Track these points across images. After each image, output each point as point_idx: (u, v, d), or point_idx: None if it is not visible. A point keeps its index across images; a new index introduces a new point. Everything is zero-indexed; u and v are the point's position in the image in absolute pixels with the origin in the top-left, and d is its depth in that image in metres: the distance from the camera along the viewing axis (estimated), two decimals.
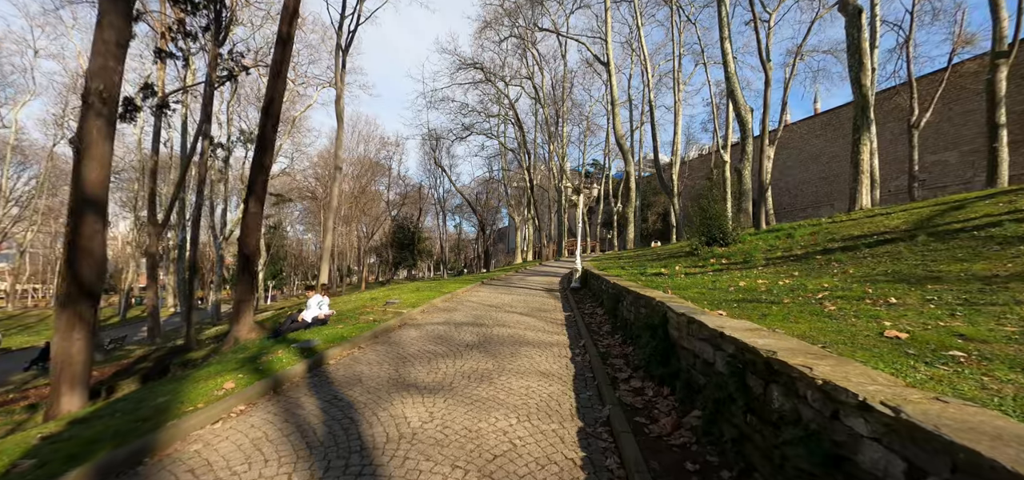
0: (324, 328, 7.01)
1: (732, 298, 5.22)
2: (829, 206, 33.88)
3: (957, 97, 26.58)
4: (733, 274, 8.09)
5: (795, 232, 11.10)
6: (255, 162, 9.74)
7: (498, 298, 10.60)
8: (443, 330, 6.39)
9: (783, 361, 2.10)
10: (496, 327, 6.65)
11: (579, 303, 10.18)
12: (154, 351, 17.84)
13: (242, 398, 3.55)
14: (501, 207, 53.88)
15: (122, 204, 44.34)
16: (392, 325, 6.56)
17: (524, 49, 34.56)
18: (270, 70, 10.07)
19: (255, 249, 9.63)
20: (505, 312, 8.23)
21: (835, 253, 7.99)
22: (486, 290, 12.51)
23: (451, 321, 7.17)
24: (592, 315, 8.12)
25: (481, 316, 7.64)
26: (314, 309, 8.27)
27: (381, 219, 53.96)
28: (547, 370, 4.48)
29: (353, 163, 48.46)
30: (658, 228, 41.18)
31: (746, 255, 10.03)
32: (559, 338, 6.05)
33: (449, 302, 9.58)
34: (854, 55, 14.00)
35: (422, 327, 6.62)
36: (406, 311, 7.73)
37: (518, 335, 6.11)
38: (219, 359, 6.02)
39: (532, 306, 9.22)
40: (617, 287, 7.19)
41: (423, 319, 7.34)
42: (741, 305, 4.57)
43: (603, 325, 7.02)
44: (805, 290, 5.45)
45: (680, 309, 3.76)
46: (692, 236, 13.26)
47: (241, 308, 9.24)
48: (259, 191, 9.71)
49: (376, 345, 5.43)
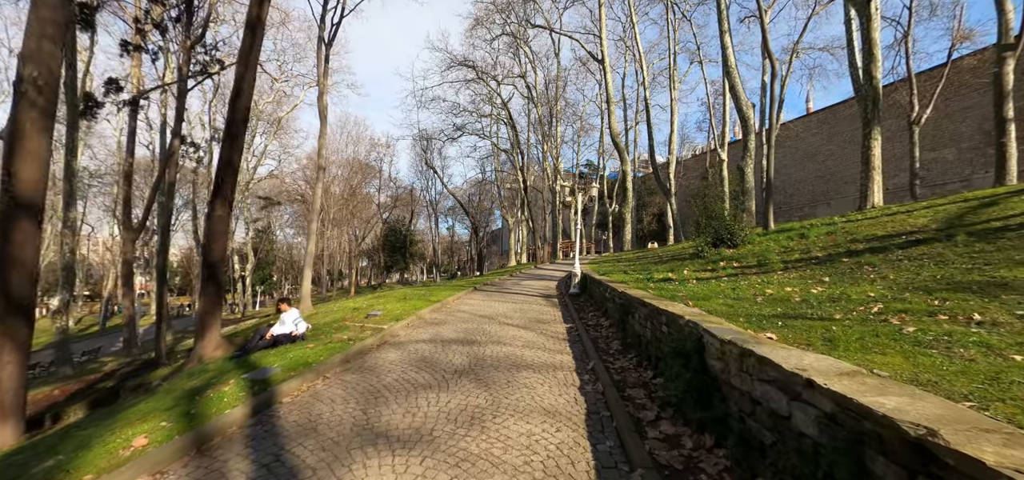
0: (291, 349, 6.11)
1: (767, 311, 4.43)
2: (826, 205, 33.46)
3: (955, 93, 26.20)
4: (751, 279, 7.32)
5: (808, 232, 10.37)
6: (222, 160, 8.80)
7: (492, 307, 9.75)
8: (428, 350, 5.52)
9: (964, 455, 1.27)
10: (490, 344, 5.79)
11: (580, 311, 9.35)
12: (124, 366, 16.76)
13: (150, 463, 2.67)
14: (494, 209, 53.00)
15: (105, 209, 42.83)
16: (369, 345, 5.67)
17: (517, 47, 33.77)
18: (238, 58, 9.15)
19: (222, 256, 8.70)
20: (500, 324, 7.38)
21: (863, 255, 7.25)
22: (479, 297, 11.64)
23: (438, 337, 6.30)
24: (597, 327, 7.29)
25: (473, 331, 6.78)
26: (289, 325, 7.35)
27: (372, 222, 52.89)
28: (553, 406, 3.64)
29: (342, 165, 47.36)
30: (653, 229, 40.50)
31: (759, 257, 9.28)
32: (563, 358, 5.21)
33: (438, 313, 8.70)
34: (864, 45, 13.37)
35: (404, 347, 5.74)
36: (387, 326, 6.84)
37: (515, 355, 5.26)
38: (161, 390, 5.10)
39: (529, 316, 8.37)
40: (626, 297, 6.37)
41: (406, 336, 6.45)
42: (786, 322, 3.77)
43: (611, 340, 6.19)
44: (849, 301, 4.67)
45: (723, 333, 2.94)
46: (696, 237, 12.51)
47: (206, 323, 8.31)
48: (226, 192, 8.78)
49: (346, 374, 4.54)
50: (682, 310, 4.13)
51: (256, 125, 35.56)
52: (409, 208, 50.64)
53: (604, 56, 25.15)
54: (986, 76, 24.31)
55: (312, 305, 14.95)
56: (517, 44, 33.09)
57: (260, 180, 44.54)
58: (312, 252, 15.30)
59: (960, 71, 25.55)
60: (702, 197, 35.88)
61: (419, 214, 53.68)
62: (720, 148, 27.77)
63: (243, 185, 33.83)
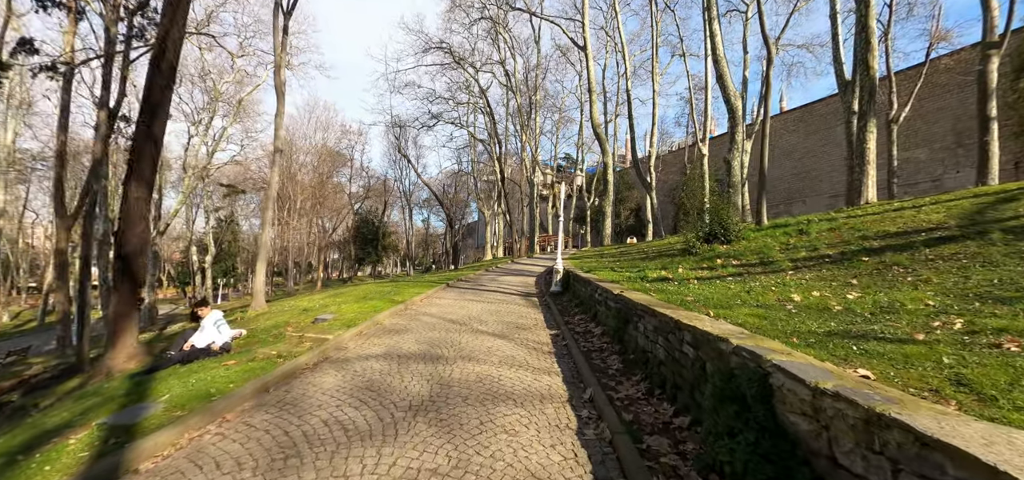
0: (204, 367, 4.80)
1: (814, 326, 3.45)
2: (801, 202, 33.62)
3: (929, 94, 26.38)
4: (762, 281, 6.39)
5: (808, 228, 9.60)
6: (140, 132, 7.28)
7: (464, 308, 8.57)
8: (379, 371, 4.31)
9: None
10: (459, 362, 4.64)
11: (564, 313, 8.30)
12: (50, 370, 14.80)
13: None
14: (470, 201, 51.56)
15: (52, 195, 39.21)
16: (303, 364, 4.43)
17: (496, 33, 32.37)
18: (162, 8, 7.62)
19: (140, 246, 7.20)
20: (473, 332, 6.23)
21: (883, 254, 6.42)
22: (450, 296, 10.44)
23: (395, 351, 5.08)
24: (586, 335, 6.23)
25: (439, 342, 5.60)
26: (209, 333, 5.99)
27: (343, 213, 50.67)
28: (545, 470, 2.53)
29: (310, 152, 45.01)
30: (631, 224, 40.01)
31: (760, 255, 8.42)
32: (551, 382, 4.11)
33: (400, 317, 7.45)
34: (860, 33, 12.72)
35: (349, 366, 4.51)
36: (334, 335, 5.57)
37: (491, 378, 4.12)
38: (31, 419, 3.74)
39: (507, 321, 7.24)
40: (623, 301, 5.32)
41: (356, 349, 5.20)
42: (859, 347, 2.77)
43: (607, 354, 5.12)
44: (908, 312, 3.74)
45: (810, 375, 1.89)
46: (686, 232, 11.65)
47: (119, 327, 6.83)
48: (145, 170, 7.26)
49: (257, 413, 3.29)
50: (712, 326, 3.10)
51: (215, 106, 33.07)
52: (382, 199, 48.65)
53: (586, 42, 24.14)
54: (961, 77, 24.51)
55: (265, 303, 13.41)
56: (496, 29, 31.71)
57: (221, 166, 41.73)
58: (267, 243, 13.73)
59: (934, 73, 25.68)
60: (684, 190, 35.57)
61: (393, 205, 51.77)
62: (701, 142, 27.27)
63: (199, 170, 31.39)
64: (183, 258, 48.41)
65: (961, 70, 25.10)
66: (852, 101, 15.23)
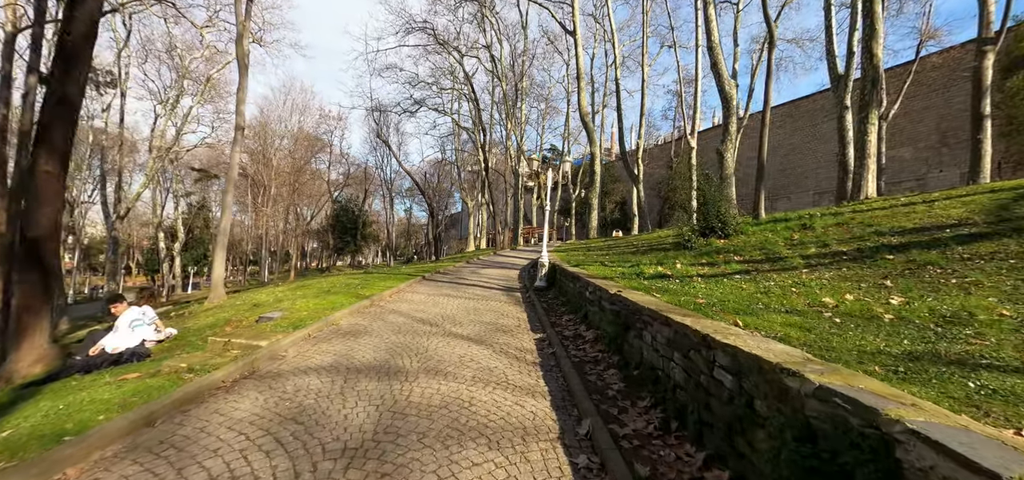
0: (95, 381, 3.77)
1: (878, 343, 2.66)
2: (786, 198, 33.48)
3: (916, 92, 26.23)
4: (776, 280, 5.63)
5: (813, 222, 8.93)
6: (52, 95, 6.10)
7: (438, 305, 7.63)
8: (316, 392, 3.36)
9: None
10: (422, 377, 3.72)
11: (550, 312, 7.44)
12: None
13: None
14: (454, 191, 50.28)
15: None
16: (217, 381, 3.42)
17: (482, 17, 31.12)
18: None
19: (50, 230, 6.03)
20: (445, 335, 5.31)
21: (909, 251, 5.71)
22: (425, 290, 9.48)
23: (344, 362, 4.12)
24: (577, 340, 5.36)
25: (402, 349, 4.66)
26: (123, 335, 4.93)
27: (322, 200, 48.89)
28: None
29: (286, 136, 43.13)
30: (616, 217, 39.42)
31: (765, 251, 7.69)
32: (536, 407, 3.23)
33: (361, 315, 6.46)
34: (866, 20, 12.10)
35: (278, 383, 3.53)
36: (273, 339, 4.53)
37: (459, 403, 3.22)
38: None
39: (486, 321, 6.34)
40: (623, 303, 4.46)
41: (295, 358, 4.20)
42: (975, 380, 1.97)
43: (603, 367, 4.26)
44: (982, 323, 2.99)
45: (977, 455, 1.04)
46: (682, 225, 10.92)
47: (25, 325, 5.66)
48: (57, 140, 6.08)
49: (119, 463, 2.27)
50: (757, 346, 2.26)
51: (182, 84, 31.13)
52: (363, 187, 46.98)
53: (576, 27, 23.20)
54: (947, 76, 24.40)
55: (225, 295, 12.22)
56: (483, 12, 30.47)
57: (191, 149, 39.53)
58: (226, 230, 12.50)
59: (920, 71, 25.55)
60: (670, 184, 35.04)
61: (374, 194, 50.12)
62: (690, 135, 26.70)
63: (165, 151, 29.51)
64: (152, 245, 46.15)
65: (948, 69, 24.96)
66: (844, 95, 14.70)
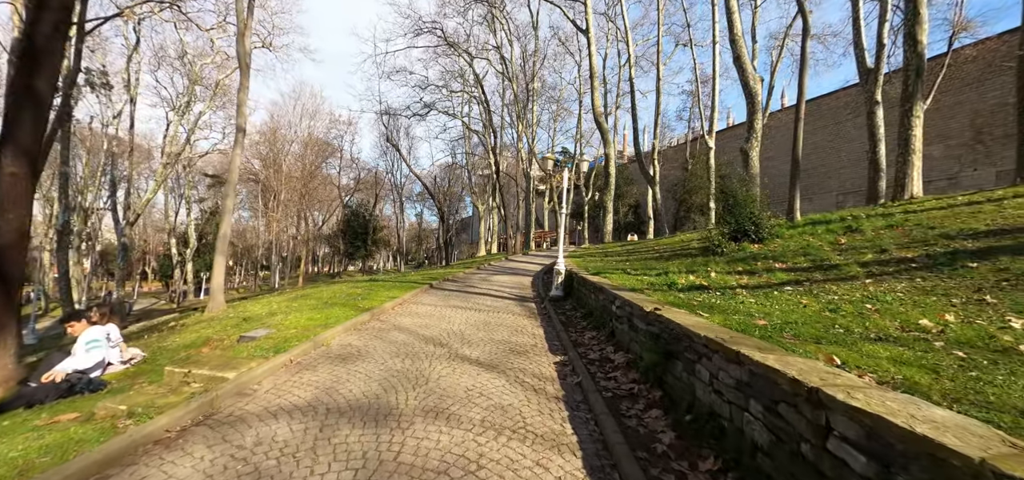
0: (27, 424, 3.12)
1: None
2: (807, 200, 32.19)
3: (947, 87, 24.86)
4: (836, 292, 4.79)
5: (860, 225, 8.04)
6: (15, 87, 5.57)
7: (446, 318, 6.92)
8: (282, 446, 2.62)
9: None
10: (420, 421, 3.00)
11: (569, 325, 6.68)
12: None
13: None
14: (464, 195, 49.74)
15: None
16: (159, 430, 2.66)
17: (492, 18, 30.55)
18: None
19: (14, 238, 5.45)
20: (451, 359, 4.59)
21: (994, 258, 4.83)
22: (432, 300, 8.78)
23: (326, 399, 3.38)
24: (603, 364, 4.60)
25: (400, 377, 3.95)
26: (79, 358, 4.30)
27: (333, 206, 48.76)
28: None
29: (296, 141, 43.04)
30: (629, 221, 38.44)
31: (810, 257, 6.82)
32: (566, 471, 2.49)
33: (358, 333, 5.76)
34: (908, 4, 11.19)
35: (237, 432, 2.80)
36: (242, 370, 3.74)
37: (465, 462, 2.49)
38: None
39: (499, 338, 5.61)
40: (663, 325, 3.69)
41: (268, 394, 3.45)
42: None
43: (641, 403, 3.49)
44: None
45: None
46: (711, 228, 10.08)
47: None
48: (23, 138, 5.51)
49: None
50: (919, 421, 1.49)
51: (193, 90, 31.13)
52: (373, 192, 46.71)
53: (589, 24, 22.46)
54: (982, 69, 23.11)
55: (224, 303, 11.66)
56: (493, 13, 29.91)
57: (205, 155, 39.62)
58: (225, 235, 11.95)
59: (952, 65, 24.24)
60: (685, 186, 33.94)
61: (384, 199, 49.83)
62: (708, 135, 25.76)
63: (175, 155, 29.46)
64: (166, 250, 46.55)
65: (983, 62, 23.62)
66: (875, 90, 13.75)
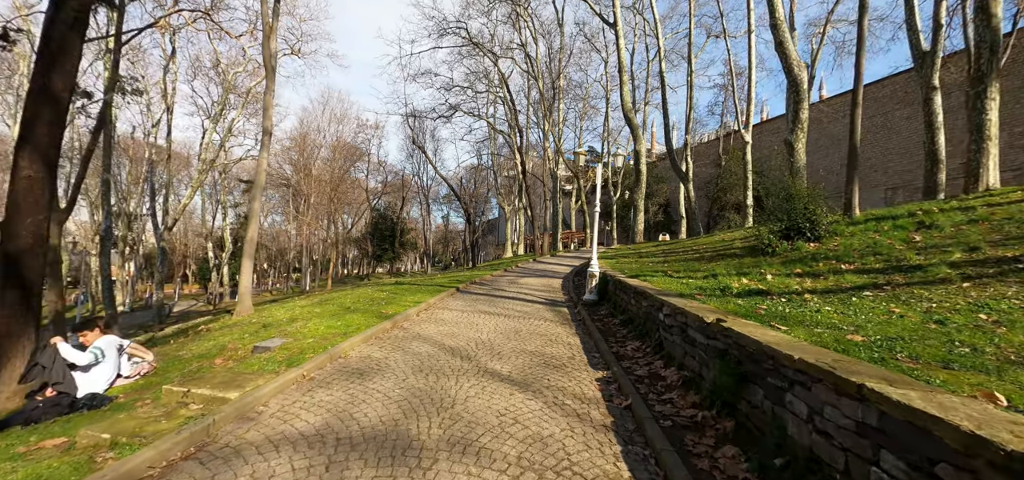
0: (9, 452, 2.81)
1: None
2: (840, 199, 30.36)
3: (1010, 69, 22.78)
4: (931, 298, 4.05)
5: (934, 220, 7.13)
6: (34, 87, 5.43)
7: (473, 326, 6.46)
8: None
9: None
10: (443, 458, 2.52)
11: (607, 334, 6.11)
12: None
13: None
14: (490, 196, 49.47)
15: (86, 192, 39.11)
16: (140, 467, 2.23)
17: (516, 16, 30.10)
18: None
19: (31, 242, 5.32)
20: (479, 376, 4.11)
21: None
22: (458, 305, 8.35)
23: (337, 425, 2.94)
24: (652, 381, 4.02)
25: (421, 397, 3.49)
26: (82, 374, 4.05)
27: (362, 208, 49.44)
28: None
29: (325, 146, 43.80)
30: (659, 220, 37.19)
31: (881, 257, 6.00)
32: None
33: (378, 343, 5.36)
34: None
35: (229, 470, 2.36)
36: (248, 389, 3.35)
37: None
38: None
39: (531, 350, 5.10)
40: (732, 340, 3.09)
41: (272, 419, 3.02)
42: None
43: (709, 436, 2.91)
44: None
45: None
46: (761, 226, 9.27)
47: (4, 352, 4.95)
48: (41, 139, 5.40)
49: None
50: None
51: (227, 97, 32.03)
52: (400, 194, 47.05)
53: (616, 18, 21.69)
54: None
55: (251, 307, 11.62)
56: (517, 11, 29.45)
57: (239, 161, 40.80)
58: (252, 238, 11.92)
59: (1017, 46, 22.20)
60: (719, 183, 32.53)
61: (411, 201, 50.15)
62: (744, 129, 24.49)
63: (210, 164, 30.36)
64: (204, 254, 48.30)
65: None
66: (932, 74, 12.57)
